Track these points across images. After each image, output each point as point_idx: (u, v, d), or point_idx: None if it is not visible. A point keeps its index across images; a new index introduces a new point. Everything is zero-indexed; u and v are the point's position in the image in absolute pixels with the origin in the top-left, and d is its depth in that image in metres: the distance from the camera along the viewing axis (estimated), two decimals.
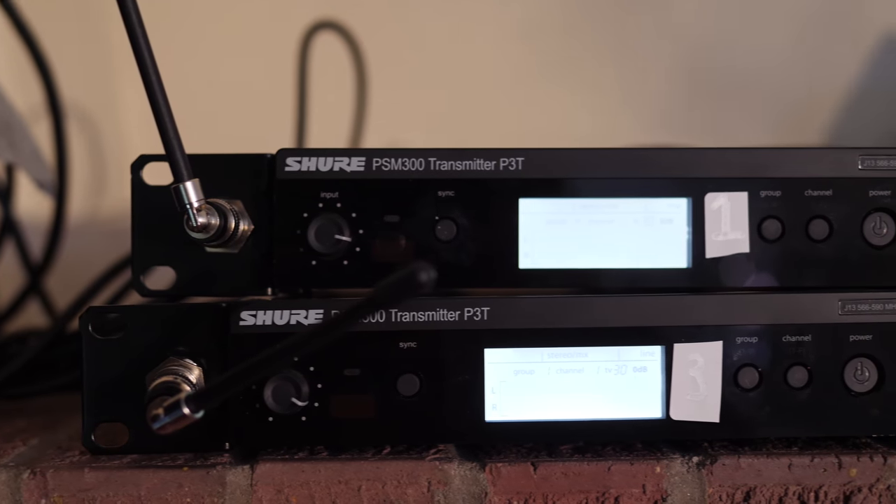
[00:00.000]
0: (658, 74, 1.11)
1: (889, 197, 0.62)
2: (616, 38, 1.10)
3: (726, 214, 0.62)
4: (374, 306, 0.50)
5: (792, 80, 1.15)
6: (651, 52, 1.11)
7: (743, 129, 1.16)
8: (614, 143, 0.65)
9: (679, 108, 1.12)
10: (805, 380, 0.60)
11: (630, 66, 1.10)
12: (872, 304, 0.60)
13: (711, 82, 1.13)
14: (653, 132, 1.09)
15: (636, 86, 1.10)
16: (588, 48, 1.08)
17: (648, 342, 0.60)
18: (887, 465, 0.58)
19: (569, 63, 1.07)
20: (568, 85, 1.08)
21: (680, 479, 0.58)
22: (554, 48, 1.08)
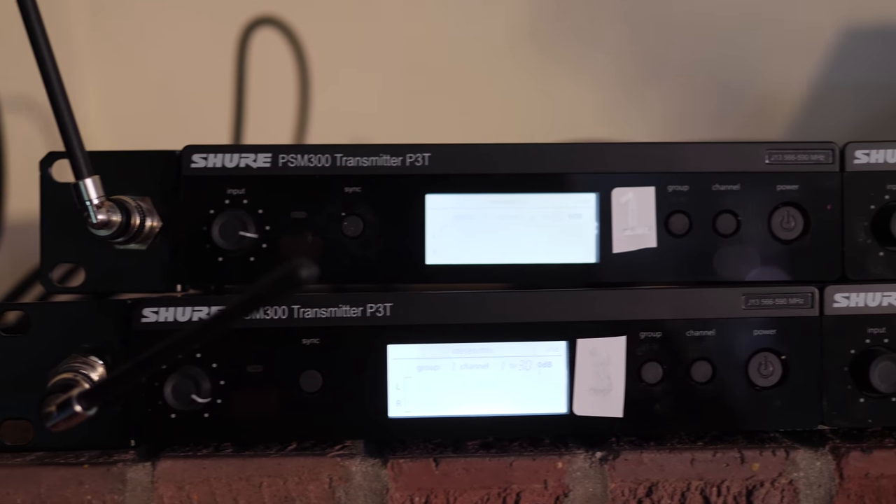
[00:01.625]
0: (609, 60, 1.10)
1: (797, 191, 0.61)
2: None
3: (633, 209, 0.61)
4: (256, 302, 0.49)
5: (755, 75, 1.14)
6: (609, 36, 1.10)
7: (702, 125, 1.15)
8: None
9: (633, 101, 1.11)
10: (709, 374, 0.59)
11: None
12: (776, 298, 0.59)
13: (664, 73, 1.12)
14: (598, 127, 1.08)
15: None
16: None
17: (553, 337, 0.59)
18: (790, 460, 0.58)
19: (520, 51, 1.06)
20: (522, 75, 1.07)
21: (582, 474, 0.58)
22: (505, 34, 1.07)
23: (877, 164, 0.61)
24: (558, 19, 1.09)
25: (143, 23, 1.04)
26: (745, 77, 1.15)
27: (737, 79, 1.14)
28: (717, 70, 1.14)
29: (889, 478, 0.58)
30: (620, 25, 1.10)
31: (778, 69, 1.15)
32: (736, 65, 1.14)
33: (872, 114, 1.18)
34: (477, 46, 1.05)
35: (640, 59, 1.11)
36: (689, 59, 1.13)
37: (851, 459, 0.58)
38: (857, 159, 0.61)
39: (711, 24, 1.13)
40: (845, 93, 1.18)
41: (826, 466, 0.58)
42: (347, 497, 0.57)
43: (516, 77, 1.07)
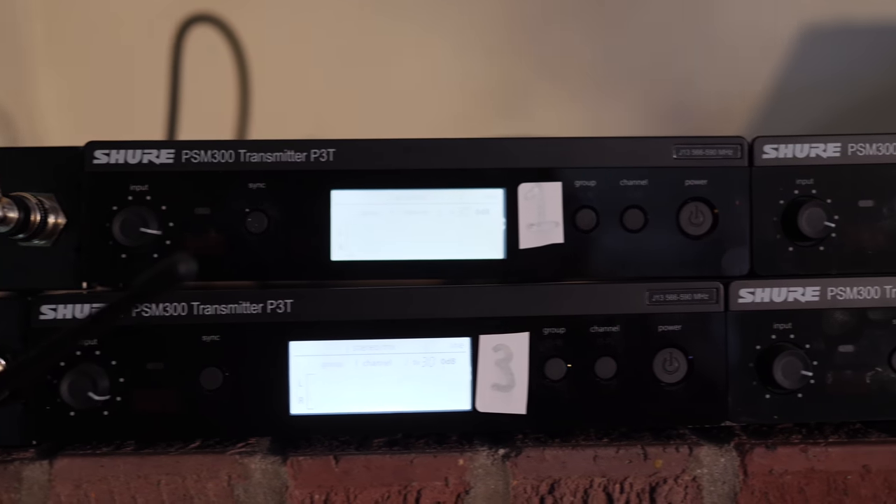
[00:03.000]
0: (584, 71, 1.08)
1: (705, 186, 0.60)
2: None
3: (540, 205, 0.60)
4: (135, 299, 0.48)
5: (714, 75, 1.13)
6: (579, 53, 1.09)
7: (663, 125, 1.14)
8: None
9: (594, 104, 1.09)
10: (613, 371, 0.58)
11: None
12: (681, 294, 0.58)
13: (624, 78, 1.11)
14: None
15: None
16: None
17: (456, 334, 0.58)
18: (693, 457, 0.57)
19: (451, 47, 1.05)
20: (448, 70, 1.06)
21: (484, 471, 0.57)
22: (437, 33, 1.06)
23: (786, 159, 0.60)
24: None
25: (91, 18, 1.03)
26: (707, 78, 1.13)
27: (698, 80, 1.13)
28: (677, 70, 1.13)
29: (793, 474, 0.57)
30: (585, 28, 1.09)
31: (740, 69, 1.14)
32: (697, 65, 1.12)
33: (836, 113, 1.17)
34: (416, 38, 1.03)
35: (602, 63, 1.10)
36: (651, 61, 1.12)
37: (755, 456, 0.57)
38: (765, 154, 0.60)
39: (672, 25, 1.12)
40: (808, 92, 1.17)
41: (730, 463, 0.57)
42: (246, 495, 0.56)
43: (459, 71, 1.06)
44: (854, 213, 0.60)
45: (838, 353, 0.58)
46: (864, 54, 1.17)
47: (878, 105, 1.16)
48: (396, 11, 1.02)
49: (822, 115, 1.17)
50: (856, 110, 1.17)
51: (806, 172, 0.60)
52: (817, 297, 0.58)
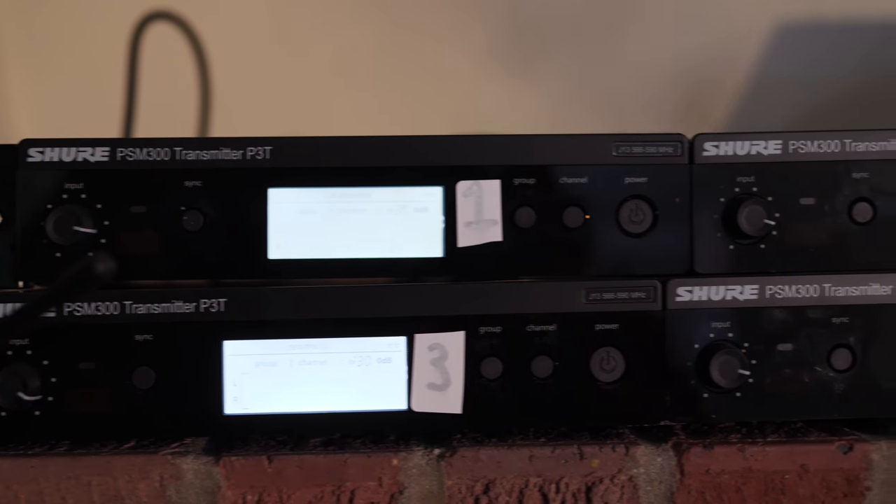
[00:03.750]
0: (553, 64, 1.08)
1: (645, 184, 0.59)
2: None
3: (479, 202, 0.59)
4: (53, 299, 0.48)
5: (689, 69, 1.12)
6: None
7: (637, 119, 1.13)
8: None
9: (568, 96, 1.09)
10: (550, 370, 0.57)
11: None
12: (618, 292, 0.58)
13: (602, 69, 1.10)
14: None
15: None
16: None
17: (392, 333, 0.58)
18: (629, 456, 0.56)
19: (411, 46, 1.05)
20: (409, 69, 1.05)
21: (418, 471, 0.56)
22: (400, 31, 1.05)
23: (726, 157, 0.59)
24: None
25: (57, 18, 1.02)
26: (681, 70, 1.13)
27: (673, 72, 1.12)
28: (652, 62, 1.12)
29: (730, 474, 0.56)
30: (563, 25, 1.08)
31: (715, 63, 1.13)
32: (664, 60, 1.12)
33: (806, 109, 1.17)
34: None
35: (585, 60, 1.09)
36: (631, 51, 1.11)
37: (692, 455, 0.56)
38: (706, 151, 0.59)
39: (648, 18, 1.12)
40: (780, 87, 1.17)
41: (667, 463, 0.56)
42: (178, 495, 0.55)
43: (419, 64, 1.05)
44: (795, 211, 0.59)
45: (777, 352, 0.58)
46: (834, 51, 1.16)
47: (849, 101, 1.16)
48: (356, 7, 1.01)
49: (792, 111, 1.16)
50: (826, 107, 1.16)
51: (747, 170, 0.59)
52: (756, 296, 0.58)
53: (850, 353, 0.58)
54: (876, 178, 0.59)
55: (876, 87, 1.18)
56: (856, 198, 0.59)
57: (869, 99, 1.18)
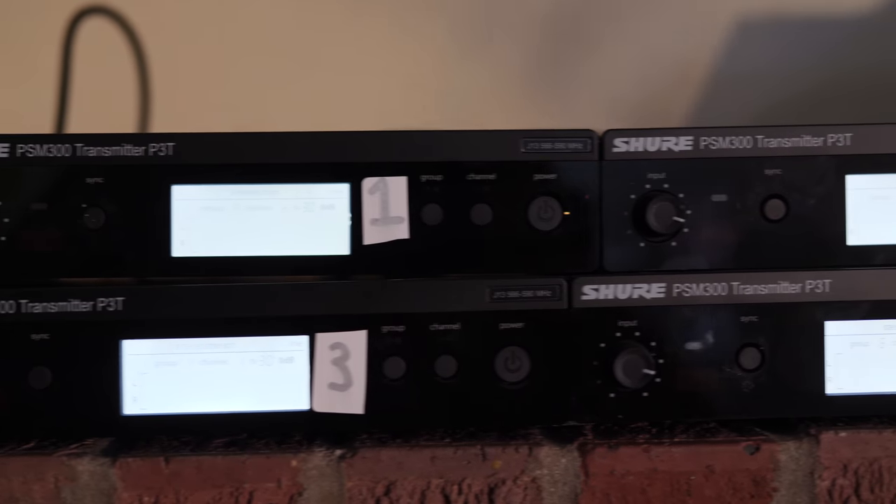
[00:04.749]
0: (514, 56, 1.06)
1: (554, 180, 0.58)
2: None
3: (385, 199, 0.58)
4: None
5: (649, 66, 1.11)
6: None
7: (593, 117, 1.12)
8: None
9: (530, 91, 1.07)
10: (454, 370, 0.56)
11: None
12: (523, 291, 0.57)
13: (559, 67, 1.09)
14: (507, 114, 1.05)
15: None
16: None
17: (294, 332, 0.57)
18: (532, 457, 0.56)
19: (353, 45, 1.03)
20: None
21: (318, 472, 0.55)
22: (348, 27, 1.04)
23: (637, 153, 0.58)
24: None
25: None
26: (643, 66, 1.12)
27: (629, 70, 1.11)
28: (607, 61, 1.11)
29: (635, 475, 0.56)
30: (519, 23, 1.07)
31: (677, 59, 1.12)
32: (627, 55, 1.11)
33: (770, 105, 1.16)
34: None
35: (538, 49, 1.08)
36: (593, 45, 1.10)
37: (596, 456, 0.56)
38: (616, 147, 0.58)
39: (610, 12, 1.11)
40: (743, 84, 1.16)
41: (572, 464, 0.56)
42: (74, 497, 0.54)
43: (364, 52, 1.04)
44: (707, 208, 0.58)
45: (685, 351, 0.57)
46: (797, 47, 1.15)
47: (812, 98, 1.15)
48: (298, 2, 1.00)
49: (755, 107, 1.15)
50: (789, 103, 1.16)
51: (658, 166, 0.58)
52: (663, 294, 0.57)
53: (759, 352, 0.57)
54: (788, 175, 0.58)
55: (838, 83, 1.17)
56: (768, 195, 0.58)
57: (831, 95, 1.17)
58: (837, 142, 0.59)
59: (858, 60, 1.16)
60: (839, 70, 1.15)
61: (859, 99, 1.16)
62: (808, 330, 0.57)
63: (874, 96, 1.16)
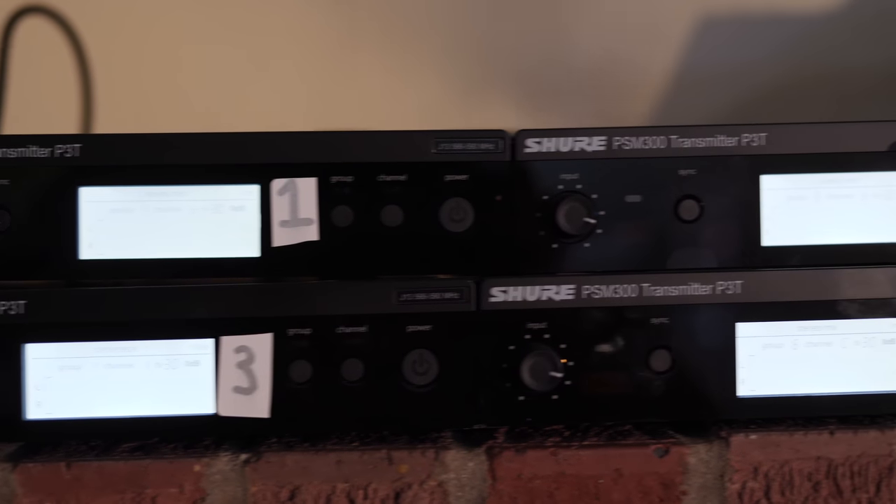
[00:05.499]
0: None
1: (466, 181, 0.58)
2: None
3: (294, 201, 0.58)
4: None
5: (614, 64, 1.11)
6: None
7: (564, 115, 1.11)
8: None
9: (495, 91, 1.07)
10: (361, 373, 0.56)
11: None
12: (430, 293, 0.56)
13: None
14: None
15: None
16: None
17: (200, 335, 0.56)
18: (439, 461, 0.55)
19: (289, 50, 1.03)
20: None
21: (222, 477, 0.55)
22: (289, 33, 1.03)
23: (549, 153, 0.58)
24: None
25: None
26: (604, 64, 1.11)
27: (597, 67, 1.10)
28: (575, 58, 1.10)
29: (543, 479, 0.55)
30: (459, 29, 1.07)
31: (638, 57, 1.12)
32: (595, 52, 1.10)
33: (734, 102, 1.15)
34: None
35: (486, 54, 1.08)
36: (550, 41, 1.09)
37: (504, 460, 0.55)
38: (528, 148, 0.58)
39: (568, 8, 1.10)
40: (704, 81, 1.15)
41: (479, 468, 0.55)
42: None
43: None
44: (621, 209, 0.58)
45: (595, 353, 0.56)
46: (758, 44, 1.15)
47: (773, 95, 1.15)
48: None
49: (719, 104, 1.15)
50: (751, 100, 1.15)
51: (570, 167, 0.58)
52: (572, 296, 0.56)
53: (670, 354, 0.56)
54: (703, 175, 0.58)
55: (800, 80, 1.17)
56: (682, 195, 0.58)
57: (793, 92, 1.17)
58: (752, 142, 0.58)
59: (819, 57, 1.15)
60: (801, 67, 1.15)
61: (821, 96, 1.15)
62: (719, 331, 0.57)
63: (836, 93, 1.15)
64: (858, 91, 1.17)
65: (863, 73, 1.17)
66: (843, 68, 1.17)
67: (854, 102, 1.17)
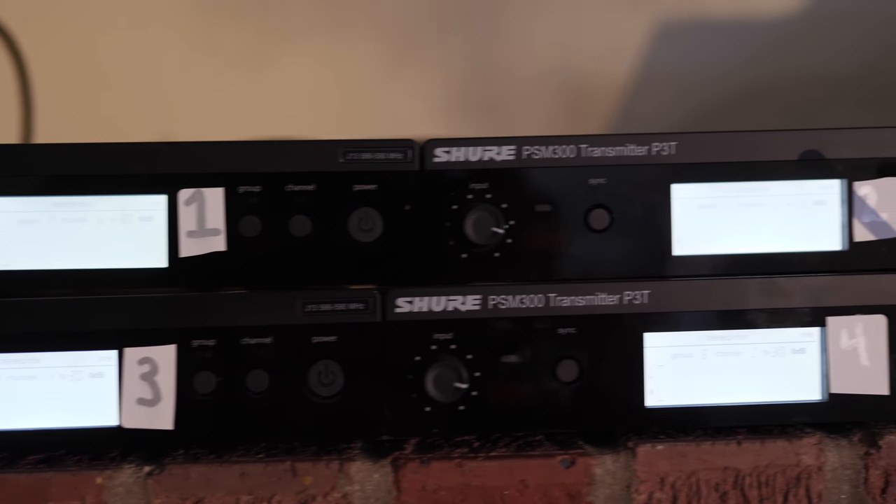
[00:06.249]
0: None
1: (375, 191, 0.58)
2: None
3: (202, 211, 0.58)
4: None
5: (573, 67, 1.11)
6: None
7: (524, 120, 1.11)
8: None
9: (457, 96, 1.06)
10: (266, 384, 0.56)
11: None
12: (335, 303, 0.56)
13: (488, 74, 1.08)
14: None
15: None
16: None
17: (104, 346, 0.56)
18: (343, 472, 0.55)
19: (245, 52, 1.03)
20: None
21: (125, 489, 0.55)
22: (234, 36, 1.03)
23: (458, 163, 0.58)
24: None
25: None
26: (564, 69, 1.11)
27: (553, 73, 1.10)
28: (533, 66, 1.10)
29: (448, 490, 0.55)
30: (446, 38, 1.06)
31: (599, 62, 1.12)
32: (555, 59, 1.10)
33: (693, 108, 1.16)
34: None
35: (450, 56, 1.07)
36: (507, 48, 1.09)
37: (409, 471, 0.55)
38: (437, 158, 0.58)
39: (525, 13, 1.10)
40: (666, 87, 1.15)
41: (384, 479, 0.55)
42: None
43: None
44: (531, 219, 0.58)
45: (502, 364, 0.56)
46: (721, 49, 1.15)
47: (736, 100, 1.15)
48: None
49: (679, 110, 1.15)
50: (713, 106, 1.15)
51: (480, 176, 0.58)
52: (479, 307, 0.56)
53: (577, 364, 0.56)
54: (613, 185, 0.58)
55: (762, 85, 1.17)
56: (592, 204, 0.58)
57: (756, 97, 1.17)
58: (662, 151, 0.58)
59: (779, 62, 1.15)
60: (764, 72, 1.15)
61: (781, 101, 1.15)
62: (626, 342, 0.57)
63: (793, 98, 1.16)
64: (817, 96, 1.17)
65: (820, 77, 1.17)
66: (801, 73, 1.18)
67: (812, 107, 1.17)
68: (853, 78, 1.17)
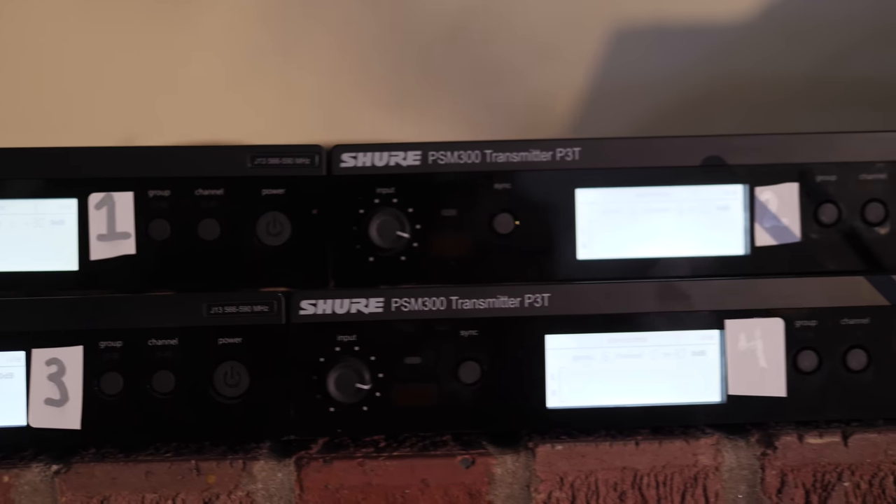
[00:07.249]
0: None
1: (282, 196, 0.59)
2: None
3: (112, 215, 0.59)
4: None
5: (529, 76, 1.11)
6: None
7: (487, 126, 1.11)
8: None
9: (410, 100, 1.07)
10: (172, 385, 0.57)
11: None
12: (240, 306, 0.58)
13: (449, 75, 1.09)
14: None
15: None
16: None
17: (12, 348, 0.57)
18: (246, 471, 0.56)
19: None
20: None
21: (32, 488, 0.56)
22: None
23: (365, 168, 0.59)
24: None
25: None
26: (512, 82, 1.11)
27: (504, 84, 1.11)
28: (484, 76, 1.10)
29: (350, 489, 0.56)
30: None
31: (547, 71, 1.12)
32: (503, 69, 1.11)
33: (649, 114, 1.16)
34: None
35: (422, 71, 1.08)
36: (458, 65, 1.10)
37: (311, 471, 0.56)
38: (344, 163, 0.59)
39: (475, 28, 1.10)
40: (622, 92, 1.16)
41: (287, 478, 0.56)
42: None
43: None
44: (437, 223, 0.59)
45: (405, 365, 0.58)
46: (676, 54, 1.16)
47: (693, 105, 1.16)
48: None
49: (633, 117, 1.16)
50: (670, 111, 1.16)
51: (386, 181, 0.59)
52: (381, 309, 0.58)
53: (479, 366, 0.58)
54: (518, 190, 0.59)
55: (719, 89, 1.18)
56: (497, 209, 0.59)
57: (712, 102, 1.18)
58: (566, 156, 0.60)
59: (734, 68, 1.16)
60: (720, 76, 1.16)
61: (736, 106, 1.16)
62: (528, 344, 0.58)
63: (751, 103, 1.17)
64: (774, 101, 1.18)
65: (777, 82, 1.18)
66: (757, 78, 1.19)
67: (769, 112, 1.18)
68: (808, 80, 1.18)
